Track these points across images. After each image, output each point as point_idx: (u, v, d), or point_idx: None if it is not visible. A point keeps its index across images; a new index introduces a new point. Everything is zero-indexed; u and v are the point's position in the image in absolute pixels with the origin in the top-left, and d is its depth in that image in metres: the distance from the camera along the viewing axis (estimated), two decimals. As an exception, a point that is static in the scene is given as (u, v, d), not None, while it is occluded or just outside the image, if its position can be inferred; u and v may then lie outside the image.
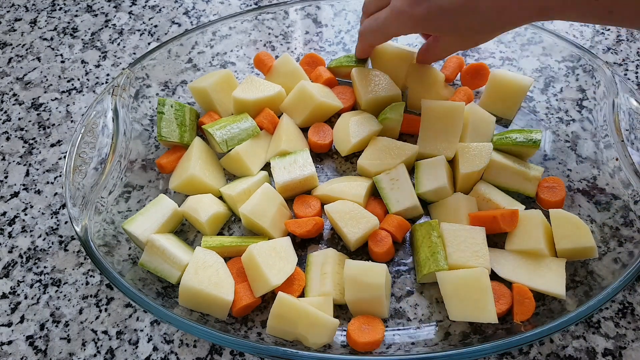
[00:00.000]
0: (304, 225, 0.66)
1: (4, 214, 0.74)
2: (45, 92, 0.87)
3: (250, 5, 0.97)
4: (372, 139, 0.72)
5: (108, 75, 0.89)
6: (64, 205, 0.74)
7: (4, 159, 0.80)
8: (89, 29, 0.95)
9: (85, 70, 0.89)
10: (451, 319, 0.59)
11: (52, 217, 0.73)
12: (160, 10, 0.97)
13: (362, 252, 0.67)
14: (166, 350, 0.62)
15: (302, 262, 0.66)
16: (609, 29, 0.90)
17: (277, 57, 0.86)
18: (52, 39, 0.94)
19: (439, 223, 0.64)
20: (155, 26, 0.95)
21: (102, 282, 0.67)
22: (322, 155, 0.77)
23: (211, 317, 0.62)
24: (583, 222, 0.63)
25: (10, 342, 0.63)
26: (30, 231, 0.72)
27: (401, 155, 0.70)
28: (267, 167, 0.75)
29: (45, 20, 0.97)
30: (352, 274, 0.60)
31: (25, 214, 0.74)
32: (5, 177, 0.78)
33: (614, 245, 0.62)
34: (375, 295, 0.59)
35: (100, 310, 0.65)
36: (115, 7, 0.98)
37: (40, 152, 0.80)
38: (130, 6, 0.98)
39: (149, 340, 0.62)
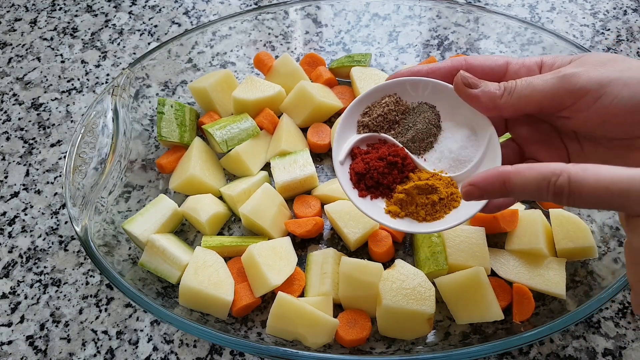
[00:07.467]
0: (304, 225, 0.66)
1: (4, 214, 0.74)
2: (45, 92, 0.87)
3: (250, 5, 0.97)
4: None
5: (108, 75, 0.89)
6: (64, 205, 0.74)
7: (4, 159, 0.79)
8: (89, 29, 0.95)
9: (85, 70, 0.89)
10: (458, 323, 0.60)
11: (52, 217, 0.73)
12: (160, 10, 0.97)
13: (362, 252, 0.67)
14: (166, 350, 0.62)
15: (302, 262, 0.66)
16: (609, 29, 0.90)
17: (277, 57, 0.86)
18: (52, 39, 0.94)
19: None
20: (155, 26, 0.95)
21: (102, 282, 0.67)
22: (321, 155, 0.77)
23: (211, 317, 0.62)
24: (583, 222, 0.62)
25: (10, 342, 0.63)
26: (30, 231, 0.72)
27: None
28: (267, 167, 0.75)
29: (45, 20, 0.97)
30: (347, 272, 0.60)
31: (25, 214, 0.74)
32: (5, 177, 0.78)
33: (614, 245, 0.62)
34: (369, 294, 0.59)
35: (100, 310, 0.65)
36: (115, 7, 0.98)
37: (40, 152, 0.80)
38: (130, 6, 0.98)
39: (149, 340, 0.62)
